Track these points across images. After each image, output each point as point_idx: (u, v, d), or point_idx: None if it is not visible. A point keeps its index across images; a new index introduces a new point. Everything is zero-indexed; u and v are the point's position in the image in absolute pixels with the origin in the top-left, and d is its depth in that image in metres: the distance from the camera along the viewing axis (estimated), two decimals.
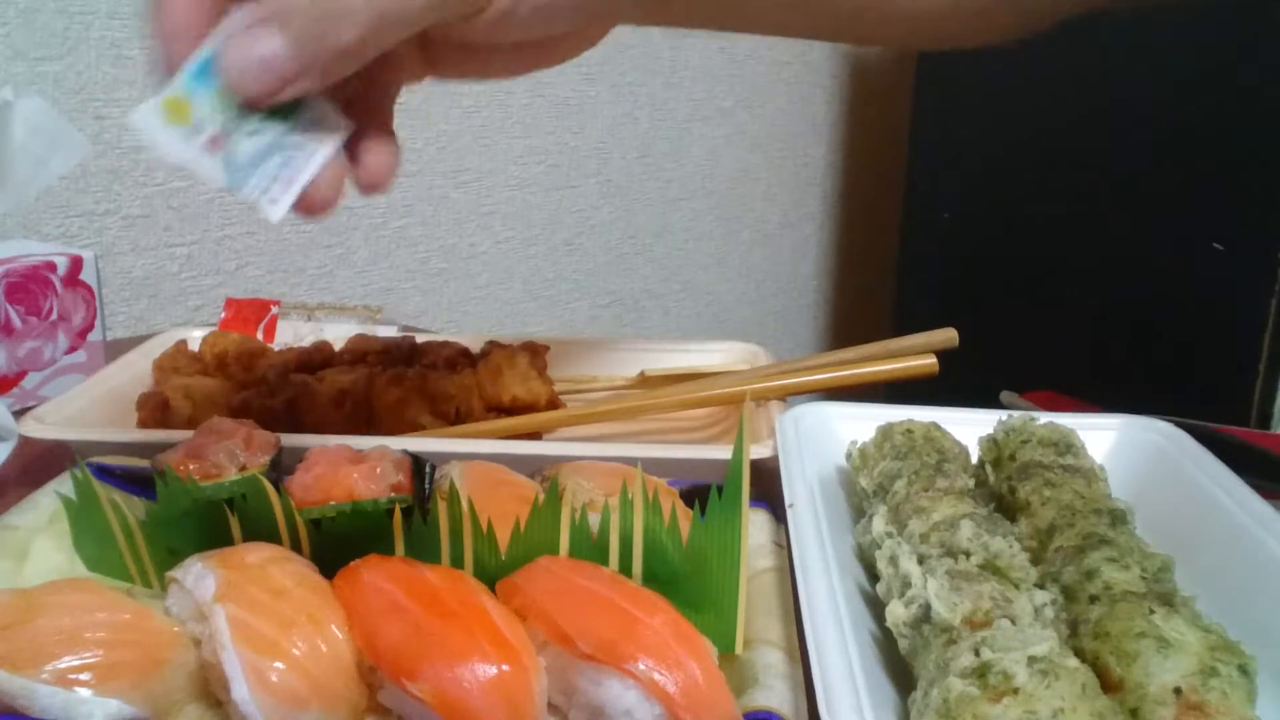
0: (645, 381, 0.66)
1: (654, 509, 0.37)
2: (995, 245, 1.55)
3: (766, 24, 0.47)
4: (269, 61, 0.33)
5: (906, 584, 0.36)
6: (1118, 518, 0.40)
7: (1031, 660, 0.29)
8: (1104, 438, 0.50)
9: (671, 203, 1.54)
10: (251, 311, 0.74)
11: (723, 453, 0.48)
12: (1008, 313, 1.49)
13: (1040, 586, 0.36)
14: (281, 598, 0.34)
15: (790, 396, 0.59)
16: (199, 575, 0.35)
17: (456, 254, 1.27)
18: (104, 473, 0.45)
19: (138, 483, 0.45)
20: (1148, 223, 1.33)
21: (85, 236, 0.93)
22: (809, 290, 1.89)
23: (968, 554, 0.36)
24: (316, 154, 0.36)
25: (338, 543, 0.39)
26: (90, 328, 0.68)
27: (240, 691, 0.31)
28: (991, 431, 0.48)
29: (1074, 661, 0.30)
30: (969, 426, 0.49)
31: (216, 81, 0.34)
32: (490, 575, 0.37)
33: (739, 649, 0.36)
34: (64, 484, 0.46)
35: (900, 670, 0.35)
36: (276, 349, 0.67)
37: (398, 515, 0.39)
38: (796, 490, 0.44)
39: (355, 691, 0.34)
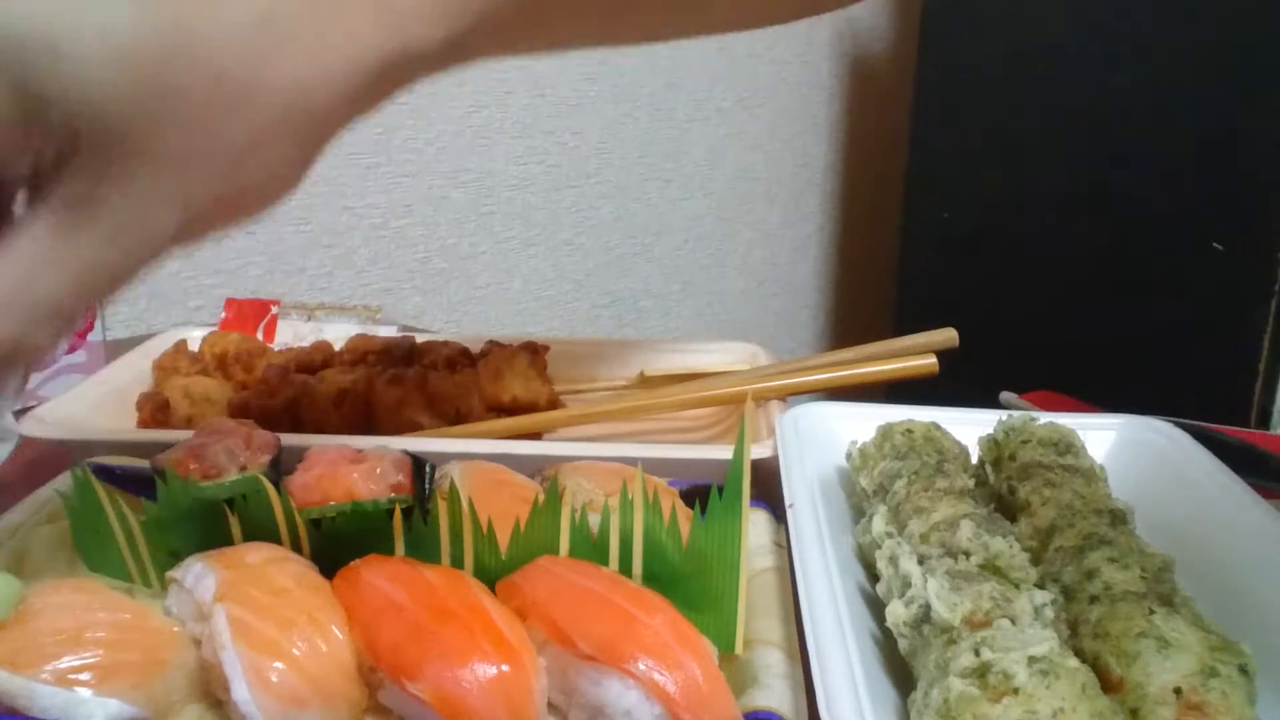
0: (645, 381, 0.66)
1: (654, 509, 0.37)
2: (995, 245, 1.55)
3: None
4: None
5: (906, 584, 0.36)
6: (1118, 518, 0.40)
7: (1031, 660, 0.29)
8: (1104, 438, 0.50)
9: (671, 203, 1.54)
10: (251, 311, 0.74)
11: (723, 453, 0.48)
12: (1008, 313, 1.49)
13: (1040, 586, 0.36)
14: (281, 598, 0.34)
15: (790, 396, 0.59)
16: (199, 575, 0.35)
17: (456, 254, 1.27)
18: (104, 473, 0.45)
19: (138, 483, 0.45)
20: (1148, 223, 1.34)
21: None
22: (809, 290, 1.89)
23: (968, 554, 0.36)
24: None
25: (338, 543, 0.39)
26: (90, 328, 0.68)
27: (240, 691, 0.31)
28: (991, 431, 0.48)
29: (1074, 661, 0.30)
30: (969, 426, 0.49)
31: None
32: (490, 575, 0.37)
33: (739, 649, 0.36)
34: (64, 484, 0.46)
35: (900, 670, 0.35)
36: (276, 349, 0.67)
37: (398, 515, 0.38)
38: (796, 490, 0.44)
39: (355, 691, 0.34)
